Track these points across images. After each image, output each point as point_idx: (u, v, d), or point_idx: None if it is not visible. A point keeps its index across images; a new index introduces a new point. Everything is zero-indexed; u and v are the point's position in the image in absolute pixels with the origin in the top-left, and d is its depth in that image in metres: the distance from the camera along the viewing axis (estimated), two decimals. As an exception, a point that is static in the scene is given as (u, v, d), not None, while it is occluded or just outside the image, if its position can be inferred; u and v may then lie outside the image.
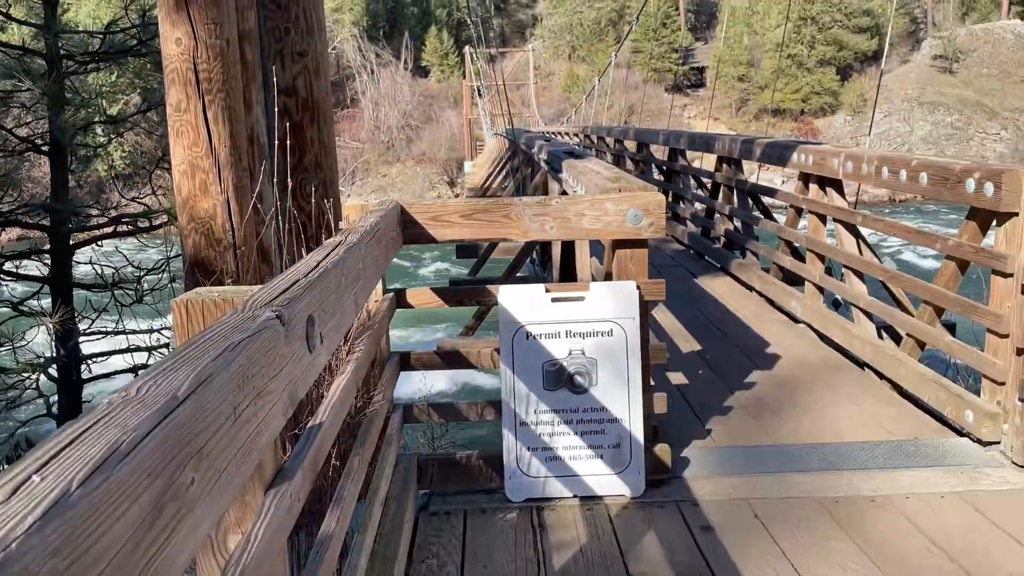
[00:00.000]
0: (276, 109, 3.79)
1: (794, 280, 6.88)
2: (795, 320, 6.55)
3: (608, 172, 4.69)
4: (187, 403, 1.01)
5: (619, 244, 3.71)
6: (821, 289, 6.31)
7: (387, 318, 3.59)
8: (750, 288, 7.71)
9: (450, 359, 3.74)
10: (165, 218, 9.00)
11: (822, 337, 6.04)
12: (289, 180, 3.56)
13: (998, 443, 4.01)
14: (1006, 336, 3.97)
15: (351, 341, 2.96)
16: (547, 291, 3.63)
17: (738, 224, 8.63)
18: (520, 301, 3.62)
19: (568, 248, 5.99)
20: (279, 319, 1.39)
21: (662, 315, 6.97)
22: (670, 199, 11.42)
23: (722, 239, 9.00)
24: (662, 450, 3.78)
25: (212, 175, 3.35)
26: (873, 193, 34.38)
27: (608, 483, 3.66)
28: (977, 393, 4.25)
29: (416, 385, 6.27)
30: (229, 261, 3.29)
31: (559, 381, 3.63)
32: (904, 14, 51.32)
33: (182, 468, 0.97)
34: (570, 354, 3.63)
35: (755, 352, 5.80)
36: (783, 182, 27.67)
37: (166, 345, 8.50)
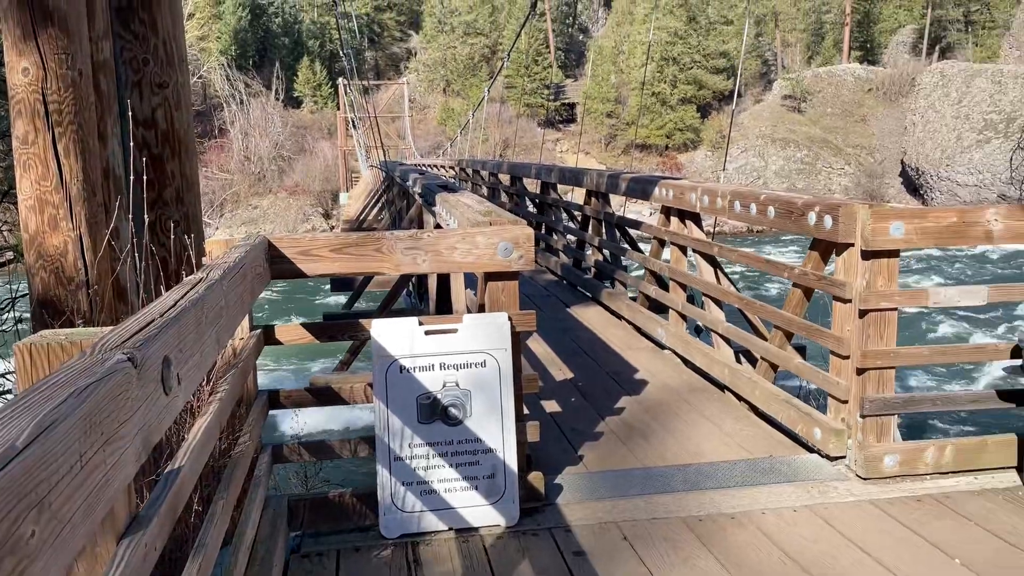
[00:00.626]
0: (133, 142, 3.66)
1: (659, 308, 7.18)
2: (661, 346, 6.83)
3: (480, 206, 4.78)
4: (27, 453, 0.97)
5: (491, 276, 3.78)
6: (684, 316, 6.62)
7: (253, 355, 3.50)
8: (619, 316, 7.98)
9: (322, 396, 3.69)
10: (11, 255, 8.41)
11: (686, 362, 6.32)
12: (147, 215, 3.43)
13: (844, 458, 4.31)
14: (847, 357, 4.29)
15: (214, 381, 2.87)
16: (420, 324, 3.65)
17: (607, 255, 8.94)
18: (393, 334, 3.62)
19: (444, 280, 6.04)
20: (131, 361, 1.35)
21: (536, 344, 7.11)
22: (543, 231, 11.69)
23: (593, 270, 9.29)
24: (535, 478, 3.85)
25: (63, 210, 3.19)
26: (733, 224, 36.39)
27: (483, 514, 3.68)
28: (825, 411, 4.57)
29: (292, 423, 6.11)
30: (81, 300, 3.13)
31: (433, 414, 3.64)
32: (756, 56, 54.95)
33: (20, 521, 0.93)
34: (444, 386, 3.65)
35: (624, 378, 6.00)
36: (650, 214, 28.84)
37: (8, 391, 7.91)
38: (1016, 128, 36.02)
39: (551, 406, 5.43)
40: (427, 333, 3.64)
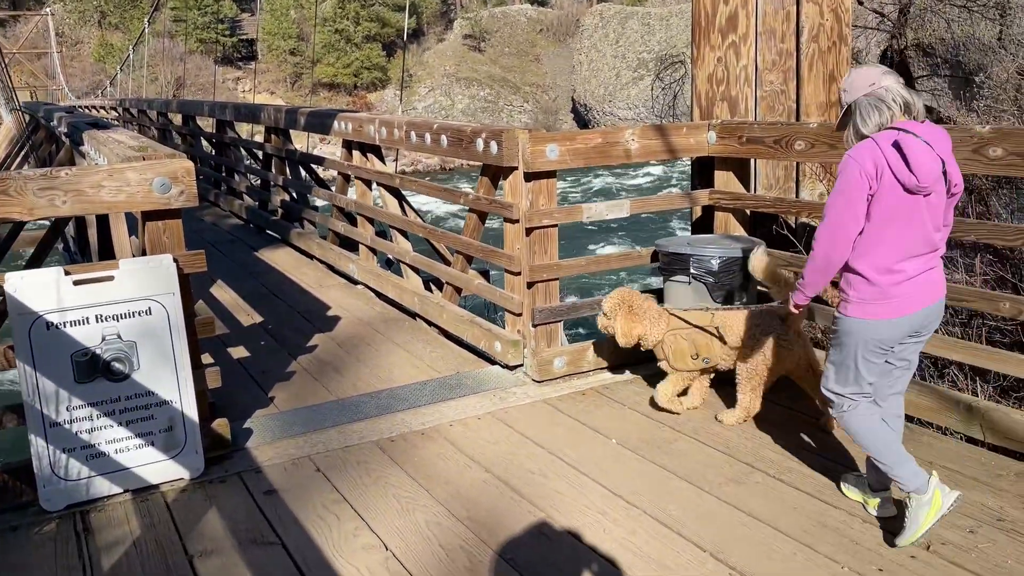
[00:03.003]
0: None
1: (350, 245, 7.15)
2: (354, 282, 6.82)
3: (134, 142, 4.35)
4: None
5: (149, 216, 3.48)
6: (374, 250, 6.66)
7: None
8: (311, 256, 7.83)
9: (-52, 365, 3.17)
10: None
11: (379, 295, 6.39)
12: None
13: (521, 366, 4.67)
14: (518, 273, 4.61)
15: None
16: (68, 273, 3.27)
17: (293, 194, 8.66)
18: (34, 287, 3.20)
19: (105, 226, 5.44)
20: None
21: (221, 291, 6.75)
22: (224, 173, 11.01)
23: (280, 211, 8.96)
24: (220, 425, 3.69)
25: None
26: (427, 163, 37.09)
27: (163, 469, 3.46)
28: (503, 326, 4.89)
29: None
30: None
31: (94, 371, 3.31)
32: (436, -5, 55.66)
33: None
34: (104, 340, 3.33)
35: (316, 316, 5.93)
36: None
37: None
38: (664, 65, 40.57)
39: (239, 352, 5.21)
40: (77, 283, 3.27)
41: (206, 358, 5.03)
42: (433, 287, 6.01)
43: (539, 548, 2.87)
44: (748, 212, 4.84)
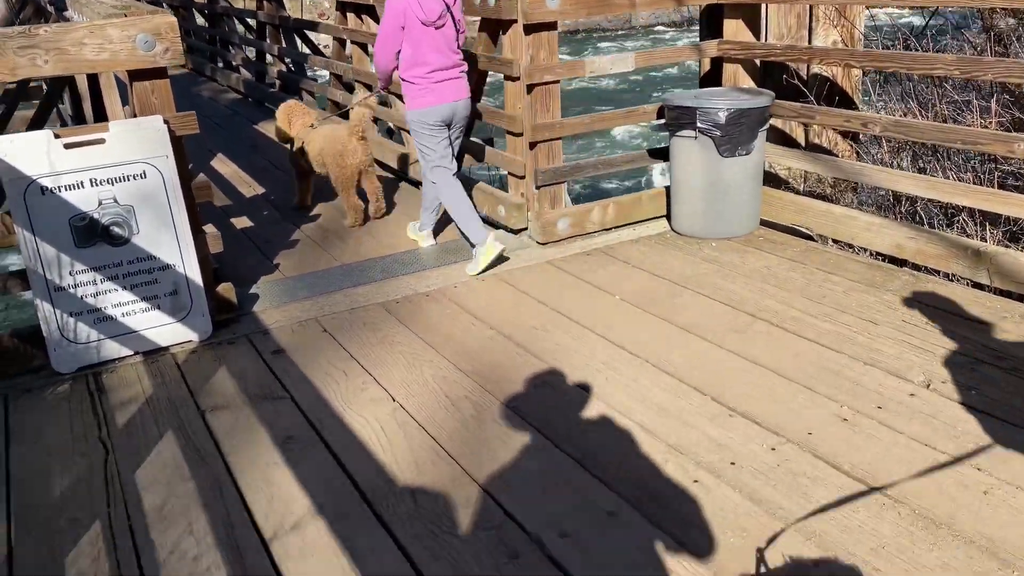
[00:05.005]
0: None
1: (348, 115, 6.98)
2: (355, 153, 6.70)
3: (117, 1, 4.17)
4: None
5: (136, 76, 3.37)
6: (376, 119, 6.50)
7: None
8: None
9: (-54, 232, 3.16)
10: None
11: (381, 164, 6.28)
12: None
13: (525, 229, 4.63)
14: (520, 134, 4.50)
15: None
16: (57, 137, 3.20)
17: (291, 65, 8.42)
18: (24, 151, 3.14)
19: (99, 97, 5.32)
20: None
21: (222, 165, 6.66)
22: (219, 46, 10.68)
23: (278, 82, 8.73)
24: (225, 289, 3.70)
25: None
26: (428, 35, 35.78)
27: (172, 332, 3.50)
28: (507, 191, 4.82)
29: None
30: None
31: (93, 235, 3.29)
32: None
33: None
34: (101, 204, 3.29)
35: (319, 188, 5.84)
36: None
37: None
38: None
39: (242, 222, 5.19)
40: (67, 147, 3.20)
41: (210, 228, 5.07)
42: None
43: (544, 397, 2.91)
44: (758, 63, 4.65)
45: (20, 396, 3.15)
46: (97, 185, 3.28)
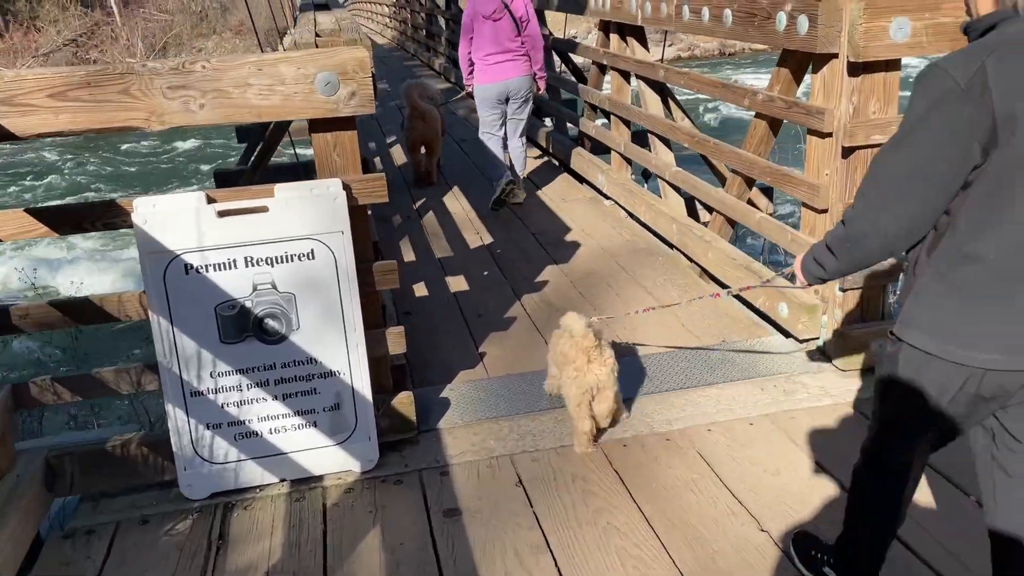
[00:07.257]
0: None
1: (602, 150, 6.01)
2: (603, 196, 5.72)
3: (330, 24, 3.50)
4: None
5: (317, 126, 2.60)
6: (629, 161, 5.47)
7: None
8: (559, 162, 6.80)
9: (78, 312, 2.57)
10: None
11: (631, 215, 5.24)
12: None
13: (816, 339, 3.34)
14: (824, 211, 3.23)
15: None
16: (210, 201, 2.49)
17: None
18: (169, 218, 2.47)
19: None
20: None
21: (454, 201, 5.97)
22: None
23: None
24: (402, 403, 2.83)
25: None
26: (705, 47, 33.91)
27: (328, 457, 2.69)
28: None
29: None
30: None
31: (244, 329, 2.56)
32: None
33: None
34: (255, 290, 2.55)
35: (553, 241, 4.92)
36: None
37: None
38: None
39: (457, 283, 4.37)
40: (221, 214, 2.48)
41: (419, 290, 4.31)
42: (700, 208, 4.74)
43: None
44: None
45: (132, 529, 2.48)
46: (253, 265, 2.54)
